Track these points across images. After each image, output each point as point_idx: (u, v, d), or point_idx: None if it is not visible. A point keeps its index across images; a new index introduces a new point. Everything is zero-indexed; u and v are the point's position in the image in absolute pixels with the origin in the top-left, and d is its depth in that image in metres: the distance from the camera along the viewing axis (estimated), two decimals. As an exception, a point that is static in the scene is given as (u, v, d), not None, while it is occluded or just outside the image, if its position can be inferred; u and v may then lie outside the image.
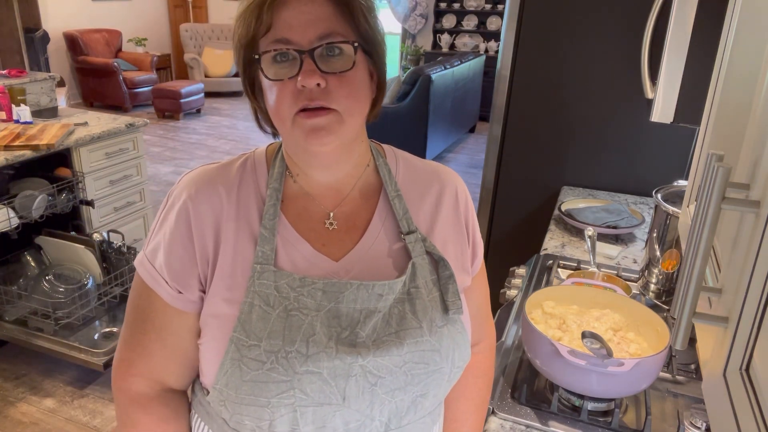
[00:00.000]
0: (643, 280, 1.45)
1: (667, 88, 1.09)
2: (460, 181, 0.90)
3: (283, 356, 0.71)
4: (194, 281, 0.77)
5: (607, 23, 2.06)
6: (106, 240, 2.73)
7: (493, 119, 2.36)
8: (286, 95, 0.70)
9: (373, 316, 0.75)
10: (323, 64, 0.70)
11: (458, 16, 8.20)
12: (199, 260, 0.76)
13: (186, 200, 0.77)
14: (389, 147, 0.90)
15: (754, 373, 0.41)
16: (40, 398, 2.46)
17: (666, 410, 1.11)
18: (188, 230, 0.76)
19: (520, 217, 2.45)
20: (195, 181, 0.79)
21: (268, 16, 0.69)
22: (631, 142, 2.17)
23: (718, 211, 0.46)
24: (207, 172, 0.80)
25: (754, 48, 0.59)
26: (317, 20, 0.70)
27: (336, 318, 0.74)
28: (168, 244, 0.77)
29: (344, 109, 0.71)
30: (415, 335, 0.76)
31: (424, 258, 0.80)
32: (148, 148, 5.88)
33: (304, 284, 0.74)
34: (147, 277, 0.79)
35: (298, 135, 0.72)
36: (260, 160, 0.82)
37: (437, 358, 0.77)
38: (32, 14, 6.63)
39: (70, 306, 2.52)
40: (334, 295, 0.74)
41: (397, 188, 0.83)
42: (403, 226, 0.81)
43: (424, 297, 0.78)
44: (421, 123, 5.43)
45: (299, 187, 0.81)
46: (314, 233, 0.79)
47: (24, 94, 3.04)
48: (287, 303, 0.74)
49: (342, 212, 0.81)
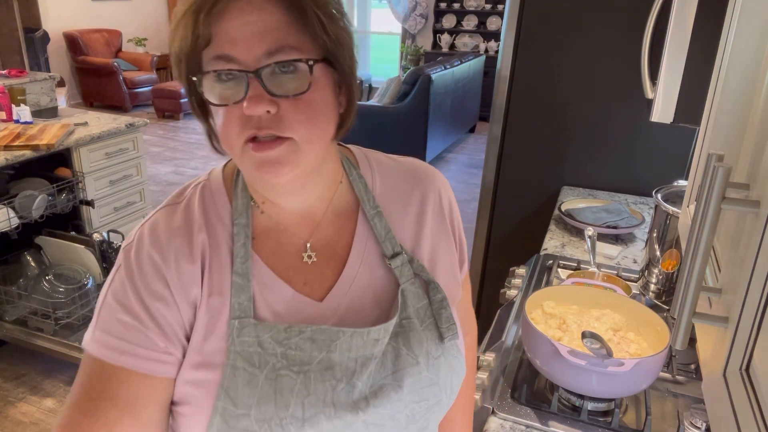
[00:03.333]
0: (643, 280, 1.45)
1: (667, 88, 1.09)
2: (443, 181, 0.82)
3: (277, 423, 0.64)
4: (179, 344, 0.67)
5: (607, 23, 2.06)
6: (106, 240, 2.73)
7: (493, 119, 2.36)
8: (232, 122, 0.60)
9: (369, 364, 0.68)
10: (274, 85, 0.59)
11: (458, 16, 8.20)
12: (185, 321, 0.67)
13: (159, 262, 0.66)
14: (360, 151, 0.80)
15: (754, 373, 0.41)
16: (40, 398, 2.46)
17: (666, 410, 1.11)
18: (167, 292, 0.66)
19: (520, 217, 2.45)
20: (162, 238, 0.67)
21: (205, 27, 0.58)
22: (631, 142, 2.17)
23: (718, 211, 0.46)
24: (172, 224, 0.68)
25: (754, 48, 0.59)
26: (265, 32, 0.58)
27: (329, 369, 0.67)
28: (145, 306, 0.65)
29: (302, 138, 0.61)
30: (412, 373, 0.70)
31: (413, 282, 0.73)
32: (148, 148, 5.88)
33: (291, 335, 0.66)
34: (110, 354, 0.64)
35: (249, 166, 0.63)
36: (218, 189, 0.71)
37: (436, 391, 0.72)
38: (32, 14, 6.63)
39: (70, 306, 2.52)
40: (325, 343, 0.67)
41: (376, 204, 0.75)
42: (386, 249, 0.73)
43: (418, 328, 0.71)
44: (421, 123, 5.43)
45: (268, 218, 0.72)
46: (293, 271, 0.71)
47: (24, 94, 3.04)
48: (274, 361, 0.65)
49: (319, 241, 0.73)
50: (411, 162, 0.82)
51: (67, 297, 2.54)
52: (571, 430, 1.04)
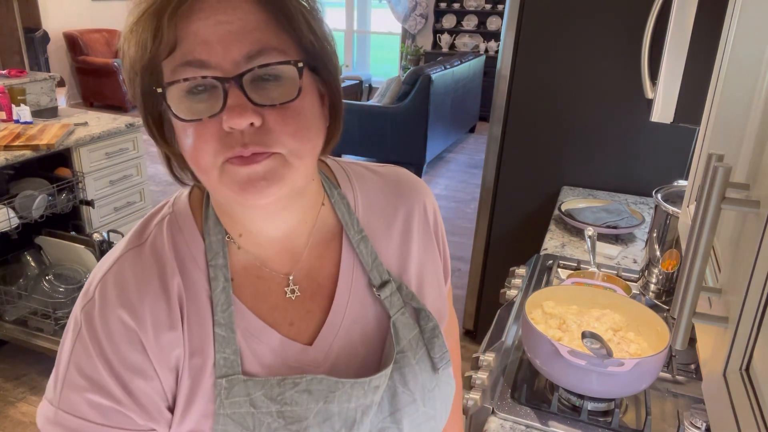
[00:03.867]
0: (643, 280, 1.45)
1: (667, 88, 1.09)
2: (428, 193, 0.76)
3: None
4: (164, 407, 0.59)
5: (607, 23, 2.06)
6: (106, 240, 2.73)
7: (493, 119, 2.36)
8: (207, 141, 0.51)
9: (369, 411, 0.63)
10: (256, 93, 0.51)
11: (458, 16, 8.20)
12: (167, 392, 0.59)
13: (130, 322, 0.57)
14: (337, 165, 0.72)
15: (754, 373, 0.41)
16: (40, 398, 2.46)
17: (666, 410, 1.11)
18: (147, 361, 0.57)
19: (520, 217, 2.45)
20: (128, 295, 0.57)
21: (170, 29, 0.49)
22: (631, 142, 2.17)
23: (718, 211, 0.46)
24: (139, 276, 0.58)
25: (754, 48, 0.59)
26: (243, 32, 0.50)
27: (328, 421, 0.61)
28: (121, 382, 0.56)
29: (291, 152, 0.53)
30: (410, 412, 0.66)
31: (403, 312, 0.67)
32: (148, 148, 5.86)
33: (285, 388, 0.59)
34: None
35: (229, 187, 0.53)
36: (186, 223, 0.62)
37: (433, 424, 0.69)
38: (32, 14, 6.64)
39: (70, 306, 2.52)
40: (323, 394, 0.60)
41: (360, 228, 0.68)
42: (374, 279, 0.67)
43: (412, 361, 0.67)
44: (421, 123, 5.43)
45: (246, 252, 0.63)
46: (278, 312, 0.64)
47: (24, 94, 3.04)
48: (269, 420, 0.58)
49: (301, 272, 0.66)
50: (393, 173, 0.75)
51: (67, 297, 2.54)
52: (571, 430, 1.04)
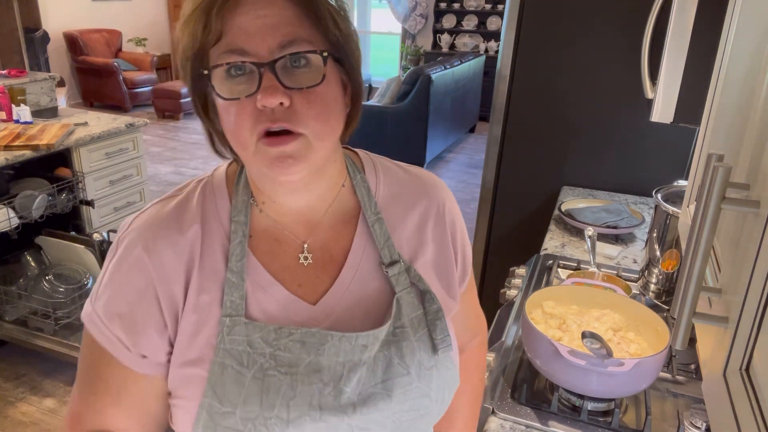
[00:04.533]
0: (643, 280, 1.45)
1: (667, 88, 1.09)
2: (448, 195, 0.81)
3: (261, 423, 0.64)
4: (162, 342, 0.67)
5: (607, 23, 2.06)
6: (106, 240, 2.73)
7: (493, 119, 2.36)
8: (244, 117, 0.60)
9: (357, 369, 0.68)
10: (287, 78, 0.59)
11: (458, 16, 8.20)
12: (168, 320, 0.67)
13: (142, 254, 0.66)
14: (366, 156, 0.79)
15: (754, 373, 0.41)
16: (40, 398, 2.46)
17: (666, 410, 1.11)
18: (150, 290, 0.66)
19: (520, 217, 2.45)
20: (152, 230, 0.67)
21: (217, 21, 0.58)
22: (631, 142, 2.17)
23: (718, 211, 0.46)
24: (164, 215, 0.69)
25: (754, 48, 0.59)
26: (278, 25, 0.59)
27: (317, 372, 0.66)
28: (127, 304, 0.66)
29: (313, 133, 0.61)
30: (403, 384, 0.69)
31: (409, 292, 0.72)
32: (148, 148, 5.88)
33: (281, 336, 0.66)
34: (102, 339, 0.67)
35: (262, 163, 0.62)
36: (220, 187, 0.72)
37: (427, 402, 0.71)
38: (32, 14, 6.63)
39: (70, 306, 2.52)
40: (314, 346, 0.66)
41: (377, 210, 0.74)
42: (384, 257, 0.72)
43: (411, 337, 0.71)
44: (421, 123, 5.43)
45: (267, 217, 0.71)
46: (288, 272, 0.70)
47: (24, 94, 3.04)
48: (263, 361, 0.65)
49: (317, 242, 0.72)
50: (418, 172, 0.82)
51: (67, 297, 2.54)
52: (571, 430, 1.04)
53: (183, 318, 0.67)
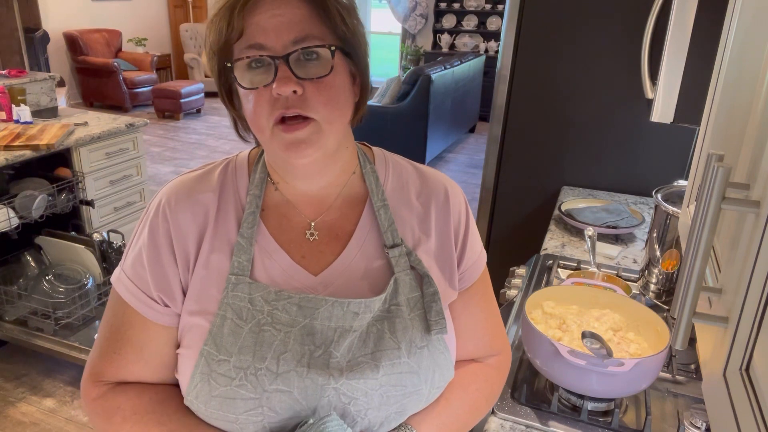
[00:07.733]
0: (643, 280, 1.45)
1: (667, 88, 1.09)
2: (457, 191, 0.86)
3: (252, 373, 0.70)
4: (179, 293, 0.74)
5: (608, 23, 2.06)
6: (106, 240, 2.73)
7: (493, 119, 2.36)
8: (262, 104, 0.67)
9: (347, 336, 0.72)
10: (299, 69, 0.67)
11: (458, 16, 8.20)
12: (181, 272, 0.74)
13: (165, 211, 0.75)
14: (380, 151, 0.85)
15: (754, 373, 0.41)
16: (40, 398, 2.46)
17: (666, 410, 1.11)
18: (168, 242, 0.74)
19: (520, 217, 2.45)
20: (174, 192, 0.76)
21: (239, 20, 0.66)
22: (631, 142, 2.17)
23: (718, 211, 0.46)
24: (187, 181, 0.78)
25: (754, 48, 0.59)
26: (292, 23, 0.66)
27: (310, 335, 0.72)
28: (151, 257, 0.74)
29: (323, 118, 0.68)
30: (391, 357, 0.73)
31: (407, 273, 0.76)
32: (148, 148, 5.88)
33: (280, 298, 0.72)
34: (127, 295, 0.75)
35: (278, 147, 0.69)
36: (242, 165, 0.80)
37: (415, 380, 0.74)
38: (32, 14, 6.63)
39: (70, 306, 2.52)
40: (310, 311, 0.72)
41: (384, 198, 0.79)
42: (387, 239, 0.77)
43: (405, 315, 0.75)
44: (421, 123, 5.43)
45: (280, 195, 0.78)
46: (294, 244, 0.77)
47: (24, 94, 3.03)
48: (260, 317, 0.71)
49: (324, 222, 0.78)
50: (430, 171, 0.87)
51: (67, 297, 2.54)
52: (571, 430, 1.04)
53: (194, 272, 0.74)
